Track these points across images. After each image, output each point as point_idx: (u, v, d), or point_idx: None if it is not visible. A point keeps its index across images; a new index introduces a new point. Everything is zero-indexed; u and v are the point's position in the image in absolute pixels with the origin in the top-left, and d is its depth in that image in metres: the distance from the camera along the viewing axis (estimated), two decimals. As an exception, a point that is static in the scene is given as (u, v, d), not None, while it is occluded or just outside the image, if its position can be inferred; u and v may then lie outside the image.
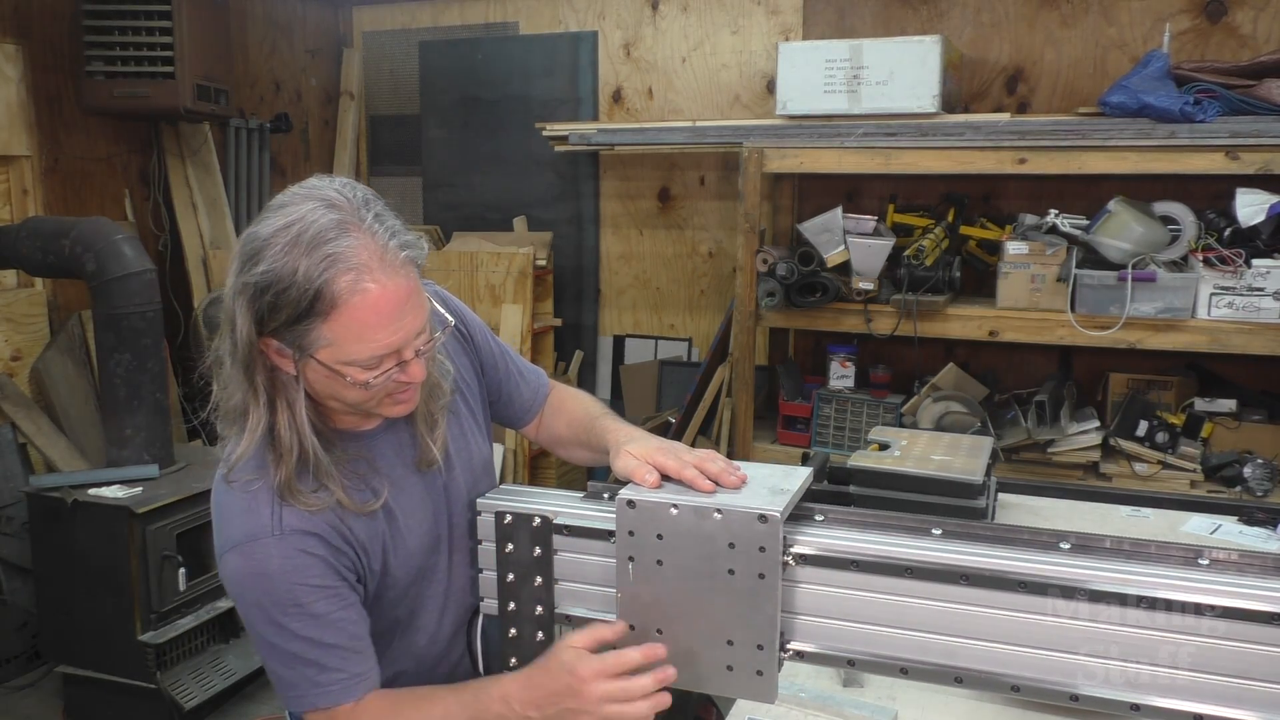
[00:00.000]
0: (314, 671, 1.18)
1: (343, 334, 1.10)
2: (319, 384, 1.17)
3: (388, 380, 1.15)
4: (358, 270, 1.08)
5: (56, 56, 3.72)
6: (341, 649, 1.19)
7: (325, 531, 1.18)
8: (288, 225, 1.09)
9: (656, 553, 1.10)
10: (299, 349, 1.12)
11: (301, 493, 1.17)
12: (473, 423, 1.42)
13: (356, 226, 1.10)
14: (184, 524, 3.09)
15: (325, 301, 1.08)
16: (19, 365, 3.55)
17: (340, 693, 1.19)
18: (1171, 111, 3.02)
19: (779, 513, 1.04)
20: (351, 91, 5.03)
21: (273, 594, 1.16)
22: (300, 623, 1.16)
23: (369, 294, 1.09)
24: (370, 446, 1.26)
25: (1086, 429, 3.36)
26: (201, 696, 3.08)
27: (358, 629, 1.21)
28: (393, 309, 1.11)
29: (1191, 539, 1.97)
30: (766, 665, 1.08)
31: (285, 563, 1.15)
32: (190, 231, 4.18)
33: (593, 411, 1.47)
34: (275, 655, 1.20)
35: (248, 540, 1.16)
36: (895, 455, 1.94)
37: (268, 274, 1.08)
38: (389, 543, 1.26)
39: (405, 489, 1.29)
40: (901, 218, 3.71)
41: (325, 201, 1.11)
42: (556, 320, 4.66)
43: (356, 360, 1.12)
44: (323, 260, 1.07)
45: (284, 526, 1.16)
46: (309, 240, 1.07)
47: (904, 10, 3.90)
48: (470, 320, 1.47)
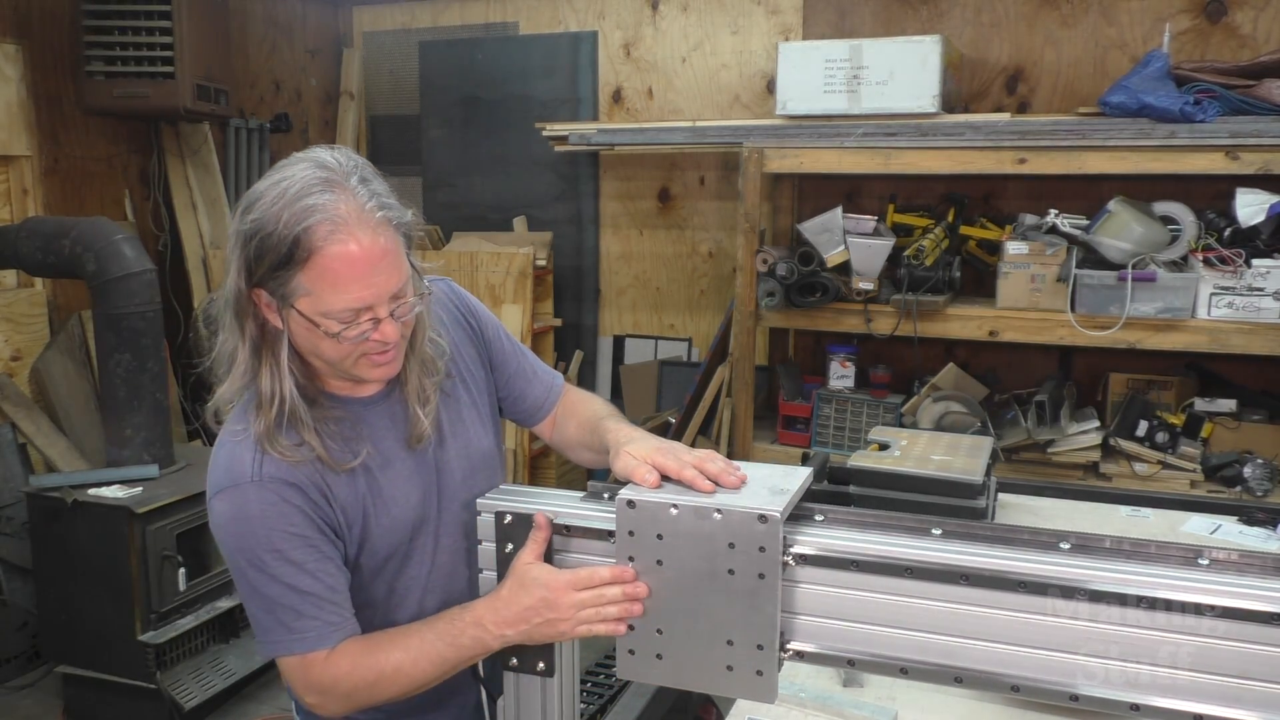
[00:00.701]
0: (290, 617, 1.21)
1: (319, 282, 1.15)
2: (301, 337, 1.22)
3: (361, 337, 1.19)
4: (334, 222, 1.14)
5: (56, 56, 3.72)
6: (318, 597, 1.22)
7: (305, 484, 1.22)
8: (279, 180, 1.17)
9: (656, 553, 1.10)
10: (281, 298, 1.18)
11: (280, 442, 1.21)
12: (474, 412, 1.43)
13: (341, 186, 1.17)
14: (184, 524, 3.09)
15: (303, 249, 1.14)
16: (19, 365, 3.55)
17: (315, 639, 1.22)
18: (1171, 111, 3.02)
19: (779, 513, 1.04)
20: (351, 91, 5.03)
21: (253, 537, 1.20)
22: (279, 567, 1.20)
23: (343, 245, 1.15)
24: (362, 415, 1.30)
25: (1086, 429, 3.36)
26: (201, 696, 3.08)
27: (335, 581, 1.24)
28: (366, 263, 1.16)
29: (1191, 539, 1.97)
30: (766, 665, 1.08)
31: (265, 509, 1.20)
32: (190, 231, 4.19)
33: (599, 413, 1.48)
34: (254, 599, 1.23)
35: (231, 485, 1.21)
36: (895, 455, 1.94)
37: (256, 221, 1.16)
38: (370, 508, 1.28)
39: (394, 462, 1.31)
40: (901, 218, 3.71)
41: (317, 163, 1.19)
42: (556, 320, 4.66)
43: (331, 311, 1.17)
44: (303, 210, 1.14)
45: (264, 474, 1.21)
46: (294, 193, 1.15)
47: (904, 10, 3.90)
48: (481, 314, 1.49)
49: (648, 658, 1.14)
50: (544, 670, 1.22)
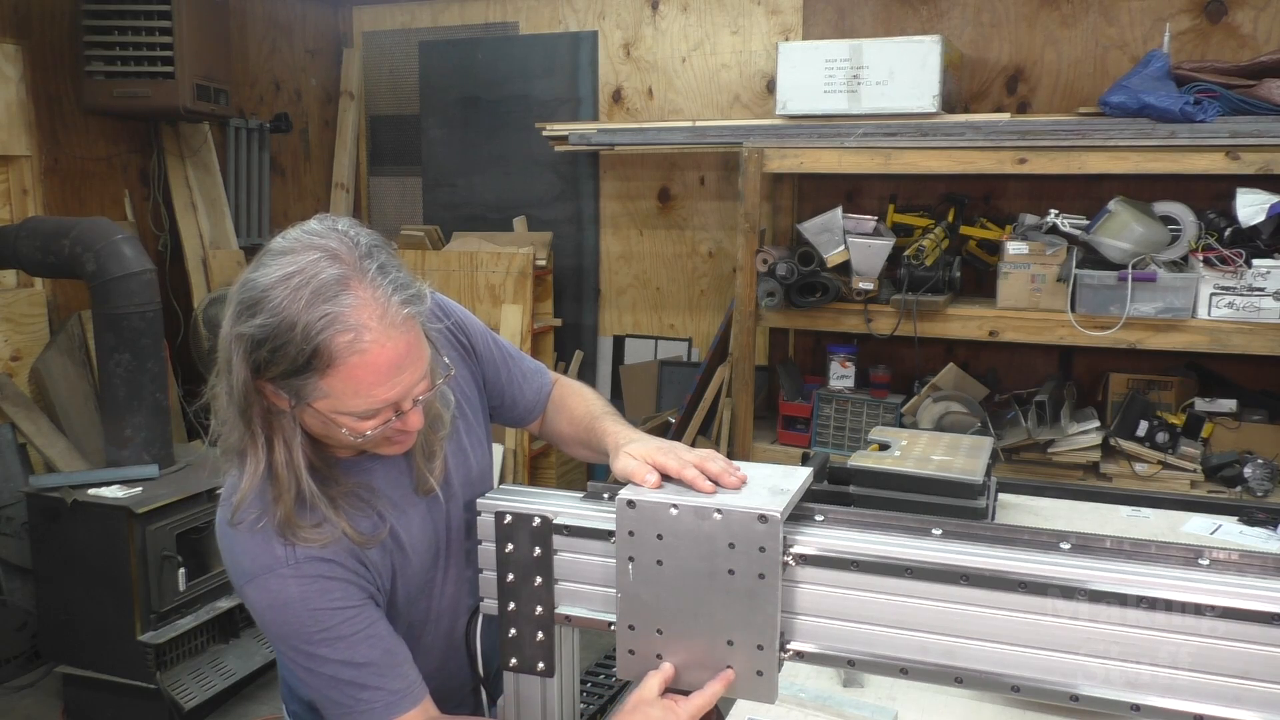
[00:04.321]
0: (354, 691, 1.17)
1: (340, 389, 1.09)
2: (315, 427, 1.17)
3: (385, 429, 1.15)
4: (357, 330, 1.06)
5: (56, 56, 3.72)
6: (376, 665, 1.18)
7: (341, 557, 1.18)
8: (287, 277, 1.06)
9: (656, 553, 1.10)
10: (296, 396, 1.11)
11: (303, 528, 1.16)
12: (470, 437, 1.41)
13: (358, 281, 1.08)
14: (184, 524, 3.09)
15: (323, 359, 1.07)
16: (19, 365, 3.55)
17: (383, 710, 1.18)
18: (1172, 111, 3.02)
19: (779, 513, 1.04)
20: (351, 91, 5.03)
21: (296, 622, 1.15)
22: (329, 647, 1.16)
23: (367, 353, 1.07)
24: (369, 473, 1.26)
25: (1086, 429, 3.36)
26: (201, 696, 3.08)
27: (391, 644, 1.21)
28: (390, 367, 1.10)
29: (1191, 539, 1.97)
30: (767, 665, 1.08)
31: (304, 588, 1.15)
32: (190, 231, 4.18)
33: (594, 410, 1.46)
34: (314, 680, 1.19)
35: (263, 573, 1.16)
36: (895, 455, 1.94)
37: (264, 327, 1.06)
38: (397, 564, 1.27)
39: (406, 511, 1.29)
40: (901, 218, 3.71)
41: (327, 252, 1.08)
42: (556, 320, 4.66)
43: (353, 412, 1.12)
44: (321, 318, 1.05)
45: (299, 555, 1.16)
46: (308, 296, 1.05)
47: (904, 10, 3.90)
48: (470, 328, 1.44)
49: (648, 658, 1.14)
50: (544, 670, 1.22)
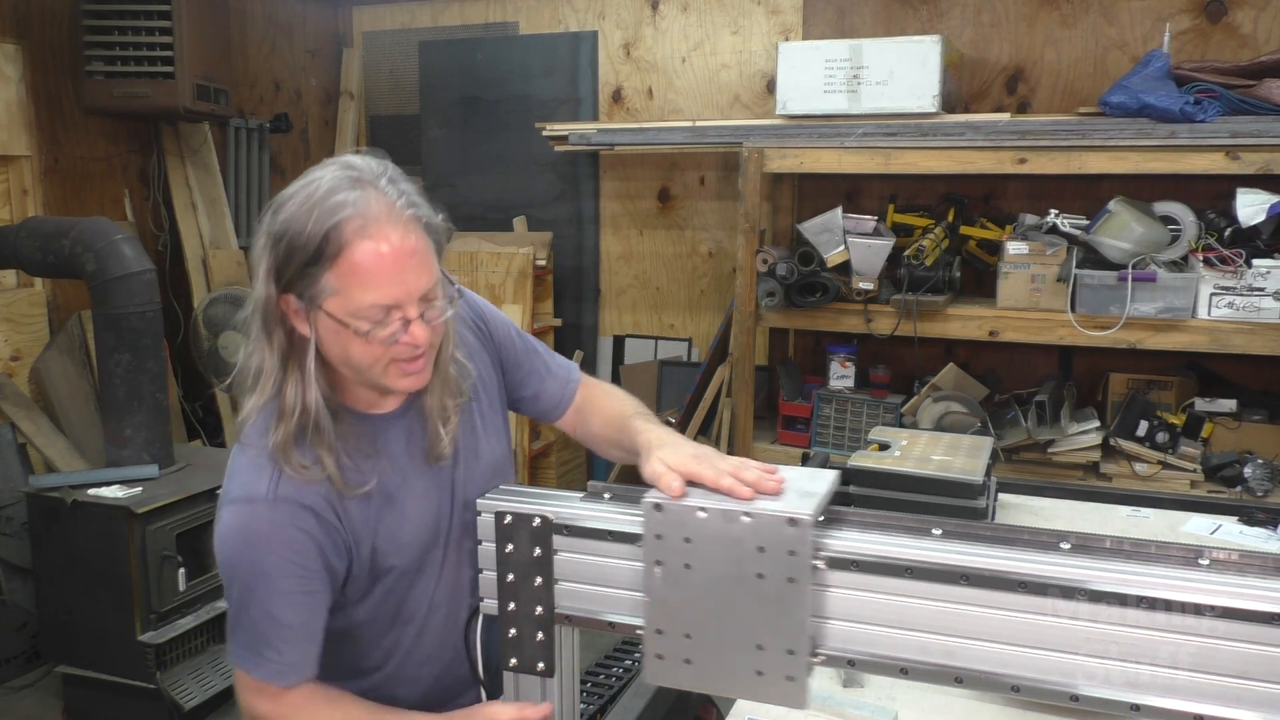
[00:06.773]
0: (260, 643, 1.23)
1: (348, 279, 1.15)
2: (330, 342, 1.20)
3: (391, 339, 1.18)
4: (364, 218, 1.15)
5: (56, 56, 3.72)
6: (291, 632, 1.23)
7: (318, 505, 1.22)
8: (308, 183, 1.18)
9: (684, 557, 1.08)
10: (310, 300, 1.17)
11: (294, 458, 1.20)
12: (488, 423, 1.42)
13: (370, 185, 1.17)
14: (184, 524, 3.09)
15: (332, 245, 1.14)
16: (19, 365, 3.55)
17: (273, 673, 1.24)
18: (1172, 111, 3.02)
19: (809, 515, 1.03)
20: (351, 91, 5.03)
21: (252, 555, 1.21)
22: (265, 592, 1.21)
23: (373, 241, 1.14)
24: (381, 431, 1.29)
25: (1086, 429, 3.36)
26: (201, 696, 3.07)
27: (313, 617, 1.25)
28: (395, 259, 1.16)
29: (1191, 539, 1.97)
30: (797, 671, 1.06)
31: (273, 530, 1.20)
32: (190, 231, 4.18)
33: (626, 410, 1.46)
34: (235, 609, 1.25)
35: (244, 499, 1.22)
36: (895, 455, 1.94)
37: (284, 222, 1.16)
38: (380, 529, 1.28)
39: (410, 479, 1.30)
40: (901, 218, 3.71)
41: (345, 164, 1.20)
42: (556, 320, 4.66)
43: (360, 309, 1.16)
44: (332, 208, 1.14)
45: (279, 494, 1.20)
46: (323, 193, 1.15)
47: (904, 10, 3.90)
48: (490, 318, 1.48)
49: (676, 663, 1.11)
50: (544, 670, 1.22)
